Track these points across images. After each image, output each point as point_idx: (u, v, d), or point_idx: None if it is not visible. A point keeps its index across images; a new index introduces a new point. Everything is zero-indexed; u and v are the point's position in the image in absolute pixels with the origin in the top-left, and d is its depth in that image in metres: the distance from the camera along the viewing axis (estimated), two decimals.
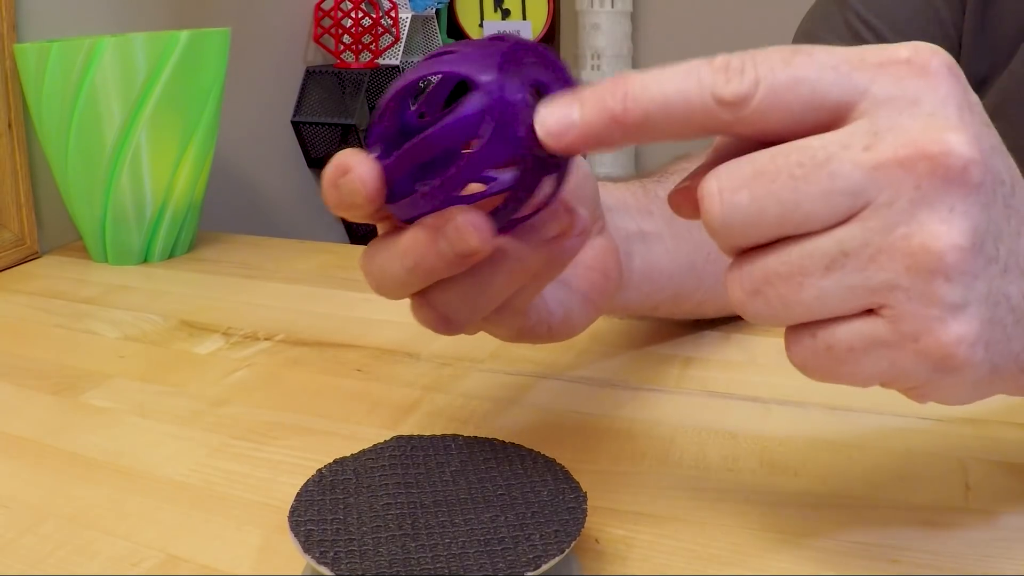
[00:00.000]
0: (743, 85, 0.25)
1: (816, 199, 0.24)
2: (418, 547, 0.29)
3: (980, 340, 0.25)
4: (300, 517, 0.31)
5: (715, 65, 0.25)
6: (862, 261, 0.24)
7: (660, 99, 0.25)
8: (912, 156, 0.23)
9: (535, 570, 0.28)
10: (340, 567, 0.28)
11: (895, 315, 0.25)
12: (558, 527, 0.30)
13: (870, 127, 0.24)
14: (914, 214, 0.24)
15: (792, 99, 0.25)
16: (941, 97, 0.24)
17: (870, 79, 0.25)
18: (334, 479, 0.33)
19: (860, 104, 0.25)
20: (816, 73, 0.25)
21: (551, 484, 0.33)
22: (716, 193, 0.26)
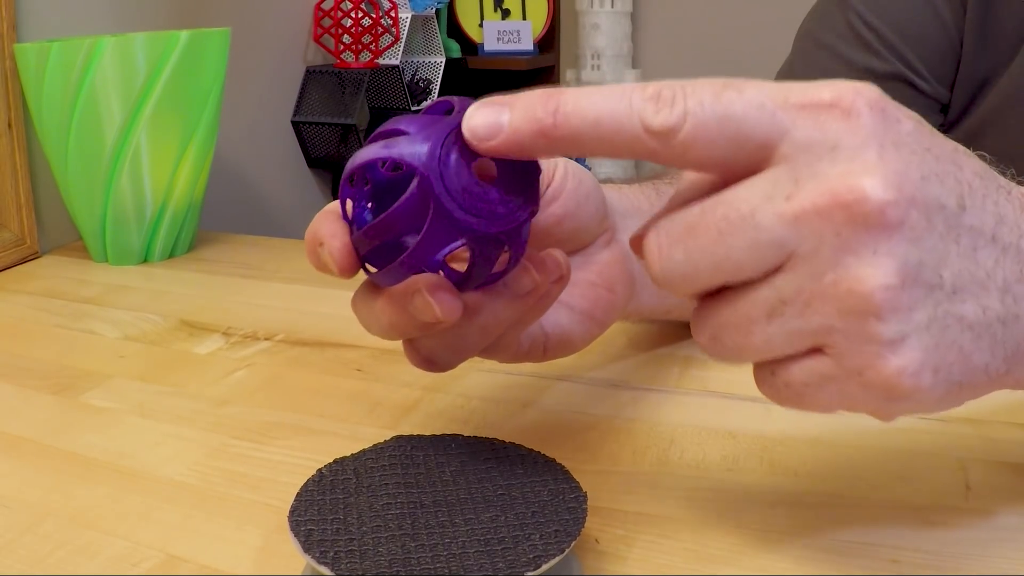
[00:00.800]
0: (671, 117, 0.25)
1: (743, 251, 0.25)
2: (418, 547, 0.29)
3: (925, 367, 0.25)
4: (300, 517, 0.31)
5: (647, 93, 0.26)
6: (798, 307, 0.25)
7: (590, 118, 0.26)
8: (829, 205, 0.24)
9: (535, 570, 0.28)
10: (340, 567, 0.28)
11: (838, 353, 0.26)
12: (558, 527, 0.30)
13: (791, 174, 0.25)
14: (839, 260, 0.24)
15: (717, 135, 0.25)
16: (861, 140, 0.24)
17: (792, 121, 0.25)
18: (334, 479, 0.33)
19: (781, 146, 0.25)
20: (742, 111, 0.25)
21: (551, 484, 0.33)
22: (655, 249, 0.27)
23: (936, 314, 0.25)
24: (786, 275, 0.25)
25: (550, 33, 1.95)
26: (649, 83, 0.26)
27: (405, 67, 1.56)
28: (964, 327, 0.26)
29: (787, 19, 0.80)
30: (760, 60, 1.95)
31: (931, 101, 0.60)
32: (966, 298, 0.25)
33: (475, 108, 0.28)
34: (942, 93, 0.60)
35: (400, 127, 0.30)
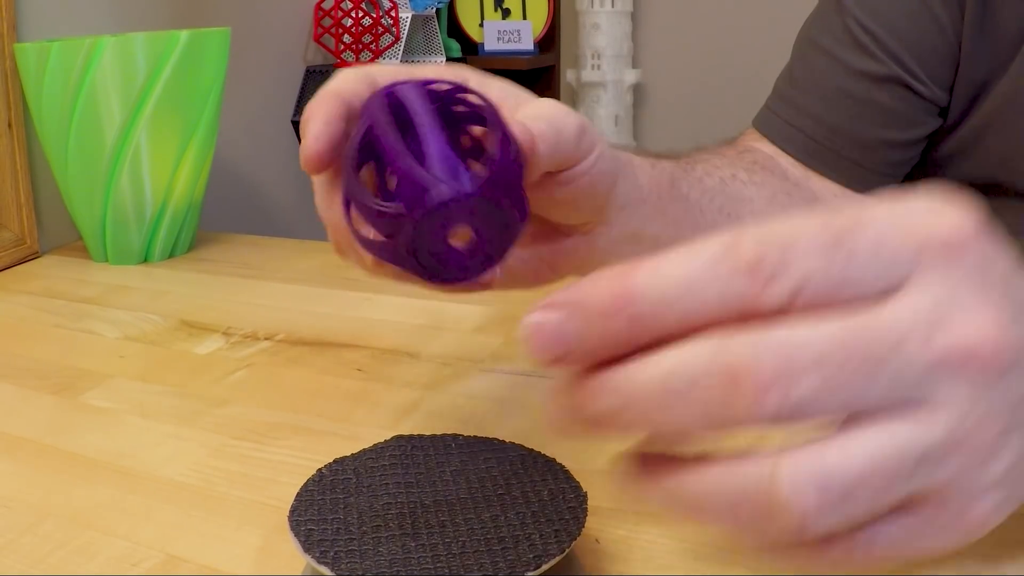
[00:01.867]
0: (782, 296, 0.21)
1: (883, 391, 0.21)
2: (418, 547, 0.29)
3: (1008, 502, 0.24)
4: (300, 517, 0.31)
5: (741, 265, 0.21)
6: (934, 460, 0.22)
7: (676, 319, 0.22)
8: (969, 349, 0.22)
9: (535, 570, 0.28)
10: (340, 567, 0.28)
11: (939, 502, 0.23)
12: (558, 527, 0.30)
13: (925, 310, 0.22)
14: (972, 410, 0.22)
15: (835, 300, 0.21)
16: (982, 276, 0.23)
17: (912, 264, 0.22)
18: (334, 479, 0.33)
19: (906, 285, 0.22)
20: (861, 268, 0.22)
21: (551, 484, 0.33)
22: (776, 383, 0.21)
23: (1021, 451, 0.24)
24: (925, 424, 0.22)
25: (550, 33, 1.95)
26: (739, 241, 0.21)
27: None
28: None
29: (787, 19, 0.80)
30: (760, 60, 1.94)
31: (929, 104, 0.61)
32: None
33: (535, 321, 0.23)
34: (940, 96, 0.60)
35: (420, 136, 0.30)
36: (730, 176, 0.54)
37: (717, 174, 0.53)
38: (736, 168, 0.56)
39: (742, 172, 0.56)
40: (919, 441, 0.22)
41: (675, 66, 1.93)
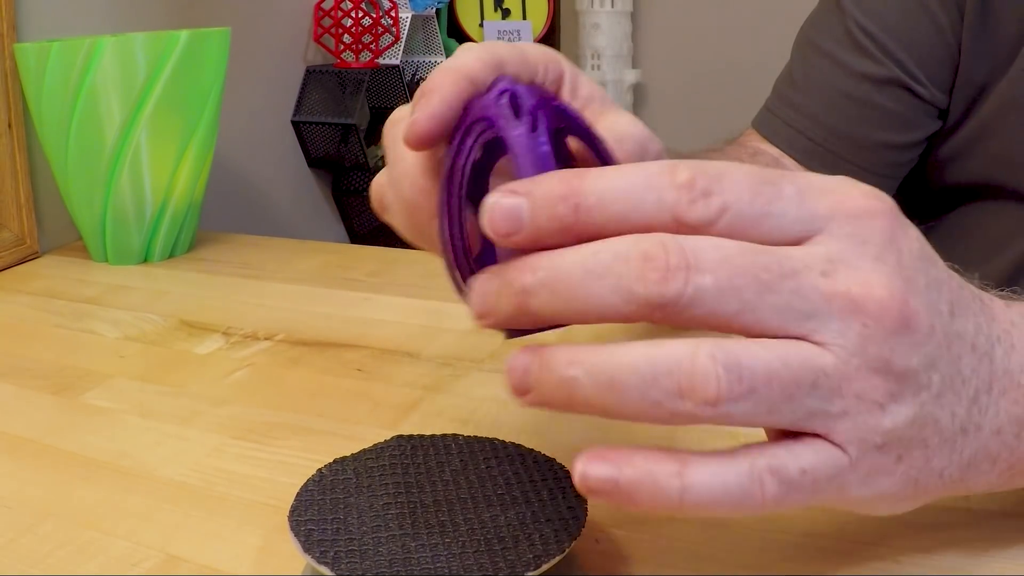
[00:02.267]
0: (708, 211, 0.25)
1: (776, 308, 0.25)
2: (418, 547, 0.29)
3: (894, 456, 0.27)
4: (300, 517, 0.31)
5: (678, 181, 0.25)
6: (829, 387, 0.25)
7: (615, 213, 0.25)
8: (863, 296, 0.25)
9: (535, 570, 0.28)
10: (340, 567, 0.28)
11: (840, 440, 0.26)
12: (558, 527, 0.30)
13: (826, 253, 0.25)
14: (864, 350, 0.25)
15: (753, 230, 0.25)
16: (885, 240, 0.26)
17: (826, 220, 0.25)
18: (334, 479, 0.33)
19: (816, 236, 0.25)
20: (781, 207, 0.25)
21: (551, 484, 0.33)
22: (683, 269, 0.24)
23: (920, 413, 0.26)
24: (818, 349, 0.25)
25: (550, 33, 1.95)
26: (678, 164, 0.25)
27: (405, 67, 1.56)
28: (935, 430, 0.27)
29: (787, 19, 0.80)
30: (760, 60, 1.94)
31: (929, 106, 0.61)
32: (944, 403, 0.27)
33: (494, 200, 0.26)
34: (940, 98, 0.60)
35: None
36: None
37: None
38: None
39: None
40: (811, 363, 0.25)
41: (675, 66, 1.93)
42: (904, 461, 0.26)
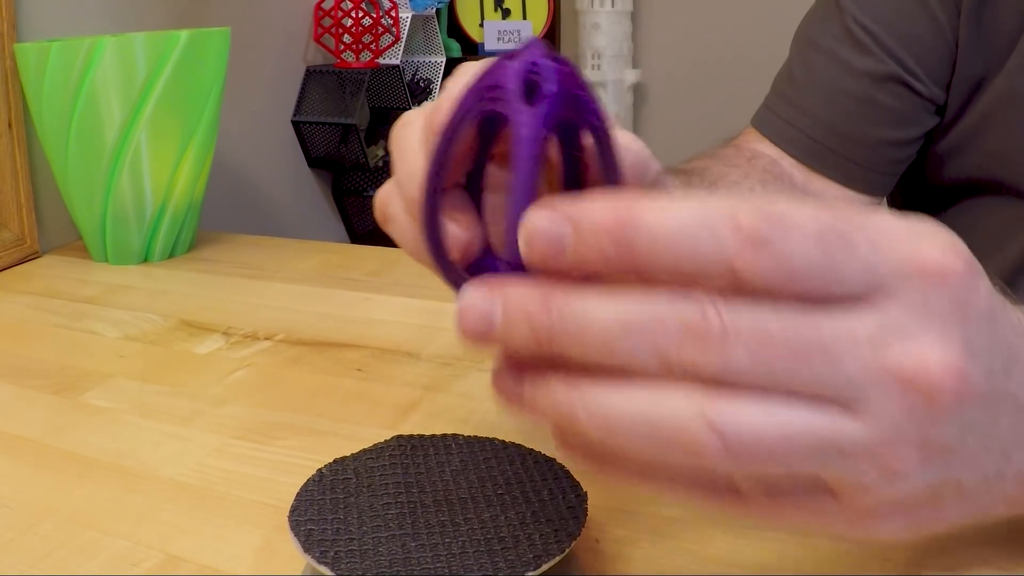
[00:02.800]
0: (768, 263, 0.22)
1: (813, 381, 0.23)
2: (418, 546, 0.29)
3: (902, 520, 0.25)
4: (300, 517, 0.31)
5: (741, 226, 0.22)
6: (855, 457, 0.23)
7: (668, 259, 0.23)
8: (912, 375, 0.23)
9: (535, 570, 0.28)
10: (340, 566, 0.28)
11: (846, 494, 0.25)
12: (558, 527, 0.30)
13: (877, 319, 0.23)
14: (899, 426, 0.23)
15: (812, 286, 0.23)
16: (954, 307, 0.23)
17: (892, 277, 0.23)
18: (334, 479, 0.33)
19: (877, 297, 0.23)
20: (847, 263, 0.23)
21: (551, 484, 0.33)
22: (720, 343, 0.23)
23: (943, 478, 0.25)
24: (848, 417, 0.23)
25: (550, 33, 1.95)
26: (741, 207, 0.22)
27: (405, 67, 1.56)
28: (956, 490, 0.25)
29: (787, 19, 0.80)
30: (760, 60, 1.94)
31: (927, 102, 0.61)
32: (972, 465, 0.25)
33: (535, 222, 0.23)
34: (938, 94, 0.60)
35: None
36: (748, 191, 0.55)
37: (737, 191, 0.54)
38: (752, 181, 0.56)
39: (758, 186, 0.56)
40: (840, 435, 0.23)
41: (675, 66, 1.93)
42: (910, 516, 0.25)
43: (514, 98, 0.26)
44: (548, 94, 0.26)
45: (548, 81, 0.26)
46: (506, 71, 0.27)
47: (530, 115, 0.26)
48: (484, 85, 0.27)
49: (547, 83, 0.26)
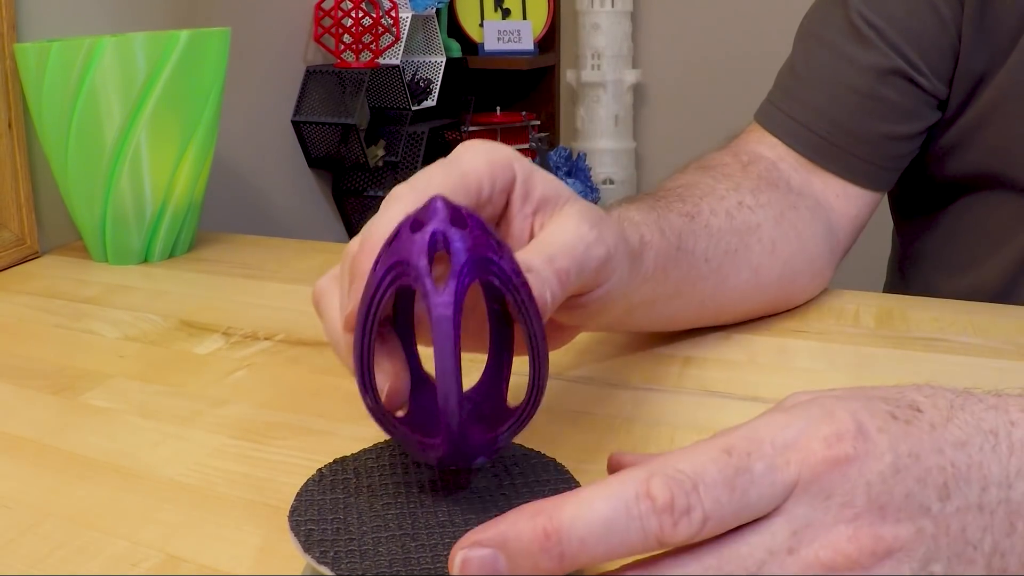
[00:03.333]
0: (692, 527, 0.25)
1: None
2: (418, 547, 0.29)
3: None
4: (300, 517, 0.31)
5: (658, 505, 0.24)
6: None
7: (599, 552, 0.25)
8: (831, 559, 0.25)
9: None
10: (340, 567, 0.28)
11: None
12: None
13: (788, 526, 0.25)
14: None
15: (733, 523, 0.25)
16: (850, 486, 0.26)
17: (795, 480, 0.26)
18: (334, 479, 0.33)
19: (785, 505, 0.26)
20: (756, 493, 0.25)
21: (551, 484, 0.33)
22: None
23: None
24: None
25: (550, 33, 1.95)
26: (651, 481, 0.25)
27: (405, 67, 1.56)
28: None
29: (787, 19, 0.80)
30: (760, 60, 1.94)
31: (929, 97, 0.61)
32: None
33: (463, 555, 0.25)
34: (940, 89, 0.61)
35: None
36: (736, 205, 0.54)
37: (723, 206, 0.53)
38: (743, 192, 0.55)
39: (748, 196, 0.55)
40: None
41: (675, 66, 1.93)
42: None
43: (424, 276, 0.28)
44: (457, 268, 0.28)
45: (456, 249, 0.28)
46: (412, 247, 0.28)
47: (441, 302, 0.28)
48: (393, 261, 0.29)
49: (455, 252, 0.28)
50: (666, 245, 0.46)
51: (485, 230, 0.30)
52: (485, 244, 0.29)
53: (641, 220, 0.46)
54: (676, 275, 0.48)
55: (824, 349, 0.53)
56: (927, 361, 0.52)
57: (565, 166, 1.71)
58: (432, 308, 0.28)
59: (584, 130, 1.85)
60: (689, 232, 0.49)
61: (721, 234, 0.52)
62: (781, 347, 0.54)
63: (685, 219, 0.50)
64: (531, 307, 0.30)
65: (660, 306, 0.49)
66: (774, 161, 0.61)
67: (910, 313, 0.59)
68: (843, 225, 0.62)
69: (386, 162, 1.49)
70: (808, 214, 0.59)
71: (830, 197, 0.61)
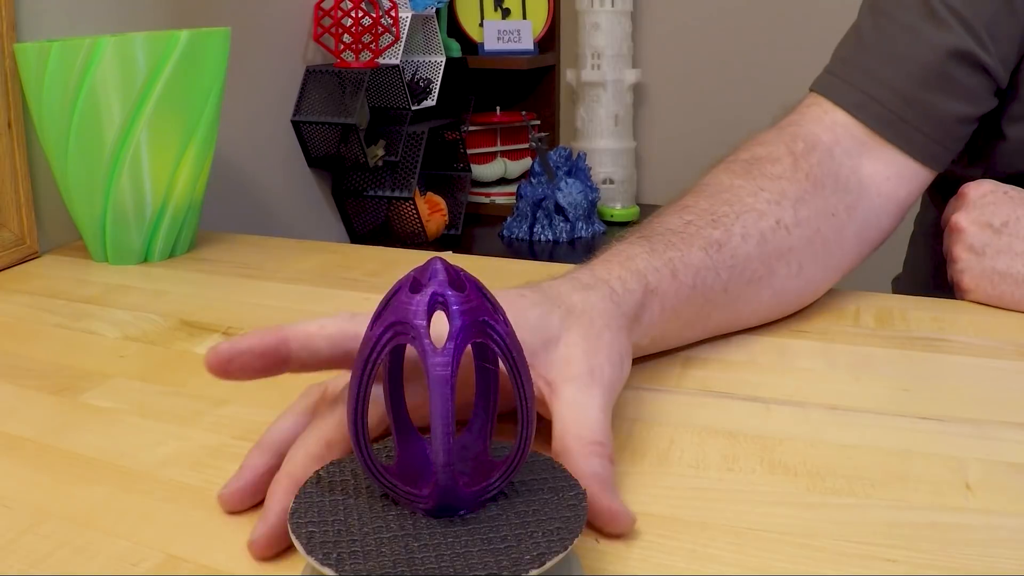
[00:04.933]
0: None
1: None
2: (421, 547, 0.29)
3: None
4: (300, 519, 0.31)
5: None
6: None
7: None
8: None
9: (538, 568, 0.28)
10: (344, 568, 0.28)
11: None
12: (560, 524, 0.30)
13: None
14: None
15: None
16: None
17: None
18: (332, 480, 0.33)
19: None
20: None
21: (551, 483, 0.33)
22: None
23: None
24: None
25: (550, 32, 1.95)
26: None
27: (405, 66, 1.56)
28: None
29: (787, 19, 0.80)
30: (760, 60, 1.94)
31: (992, 83, 0.63)
32: None
33: None
34: (1003, 76, 0.63)
35: None
36: (773, 227, 0.54)
37: (759, 228, 0.53)
38: (784, 207, 0.55)
39: (789, 212, 0.55)
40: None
41: (675, 66, 1.93)
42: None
43: (423, 336, 0.30)
44: (454, 331, 0.30)
45: (453, 312, 0.30)
46: (411, 308, 0.30)
47: (440, 362, 0.30)
48: (392, 321, 0.31)
49: (453, 316, 0.30)
50: (677, 286, 0.48)
51: (482, 293, 0.31)
52: (481, 307, 0.31)
53: (647, 266, 0.47)
54: (688, 312, 0.50)
55: (824, 349, 0.53)
56: (927, 361, 0.52)
57: (565, 166, 1.71)
58: (430, 369, 0.30)
59: (584, 130, 1.85)
60: (709, 268, 0.50)
61: (747, 262, 0.52)
62: (781, 347, 0.54)
63: (711, 250, 0.51)
64: (523, 369, 0.32)
65: (670, 339, 0.51)
66: (829, 147, 0.60)
67: (910, 313, 0.59)
68: (888, 210, 0.62)
69: (386, 162, 1.49)
70: (845, 217, 0.58)
71: (880, 181, 0.61)
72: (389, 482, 0.32)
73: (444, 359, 0.30)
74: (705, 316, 0.52)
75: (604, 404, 0.39)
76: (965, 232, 0.58)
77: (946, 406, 0.46)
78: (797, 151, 0.59)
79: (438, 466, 0.30)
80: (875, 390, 0.48)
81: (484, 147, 1.87)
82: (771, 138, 0.61)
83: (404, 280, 0.31)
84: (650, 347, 0.50)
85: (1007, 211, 0.57)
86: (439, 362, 0.30)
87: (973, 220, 0.58)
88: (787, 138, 0.61)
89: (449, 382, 0.30)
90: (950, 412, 0.45)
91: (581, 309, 0.42)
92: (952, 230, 0.59)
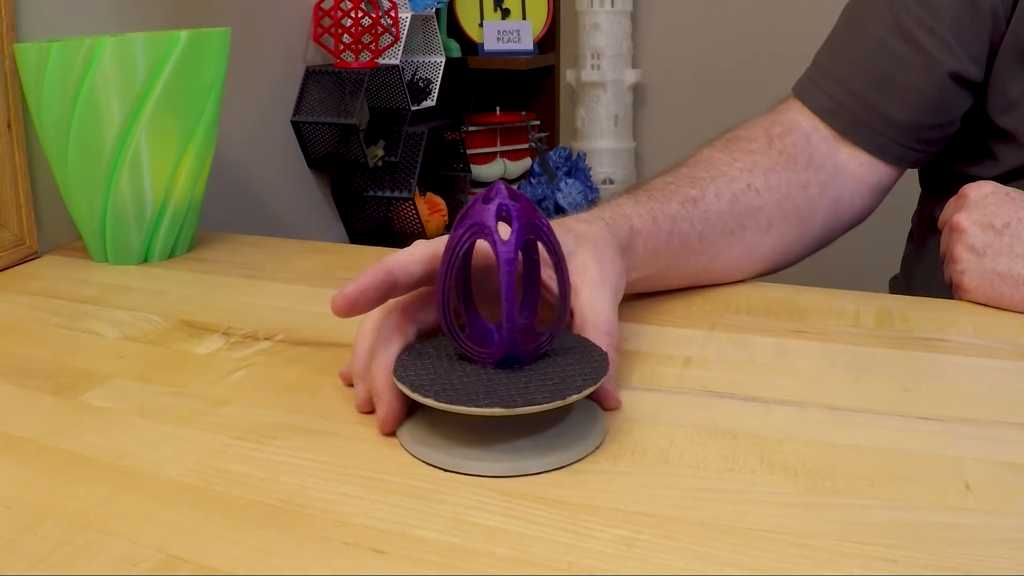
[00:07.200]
0: None
1: None
2: (496, 383, 0.41)
3: None
4: (403, 374, 0.42)
5: None
6: None
7: None
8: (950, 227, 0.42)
9: (578, 394, 0.40)
10: (441, 398, 0.39)
11: None
12: (590, 370, 0.42)
13: None
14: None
15: None
16: None
17: None
18: (421, 350, 0.44)
19: None
20: None
21: (580, 348, 0.44)
22: None
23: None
24: None
25: (550, 33, 1.95)
26: None
27: (405, 67, 1.56)
28: None
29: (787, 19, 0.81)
30: (759, 59, 1.94)
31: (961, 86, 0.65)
32: None
33: None
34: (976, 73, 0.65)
35: None
36: (744, 188, 0.62)
37: (731, 189, 0.61)
38: (755, 174, 0.62)
39: (759, 178, 0.62)
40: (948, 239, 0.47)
41: (675, 66, 1.93)
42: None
43: (494, 232, 0.41)
44: (515, 227, 0.41)
45: (514, 216, 0.41)
46: (485, 213, 0.41)
47: (506, 248, 0.41)
48: (471, 223, 0.41)
49: (515, 218, 0.41)
50: (657, 230, 0.57)
51: (531, 204, 0.42)
52: (532, 213, 0.42)
53: (633, 211, 0.56)
54: (667, 255, 0.58)
55: (824, 349, 0.53)
56: (927, 361, 0.52)
57: (565, 166, 1.71)
58: (500, 254, 0.41)
59: (584, 130, 1.85)
60: (684, 219, 0.58)
61: (720, 216, 0.60)
62: (781, 347, 0.54)
63: (687, 205, 0.59)
64: (560, 256, 0.43)
65: (656, 280, 0.59)
66: (808, 132, 0.66)
67: (910, 313, 0.59)
68: (863, 192, 0.68)
69: (386, 162, 1.49)
70: (817, 191, 0.65)
71: (854, 166, 0.67)
72: (465, 343, 0.42)
73: (509, 247, 0.41)
74: (684, 260, 0.59)
75: (614, 303, 0.49)
76: (966, 232, 0.58)
77: (945, 406, 0.46)
78: (774, 133, 0.66)
79: (503, 324, 0.40)
80: (875, 390, 0.48)
81: (484, 147, 1.87)
82: (753, 123, 0.67)
83: (477, 197, 0.42)
84: (640, 284, 0.57)
85: (1008, 212, 0.58)
86: (505, 248, 0.40)
87: (974, 221, 0.58)
88: (767, 123, 0.67)
89: (512, 263, 0.40)
90: (950, 412, 0.45)
91: (587, 234, 0.51)
92: (953, 230, 0.60)
